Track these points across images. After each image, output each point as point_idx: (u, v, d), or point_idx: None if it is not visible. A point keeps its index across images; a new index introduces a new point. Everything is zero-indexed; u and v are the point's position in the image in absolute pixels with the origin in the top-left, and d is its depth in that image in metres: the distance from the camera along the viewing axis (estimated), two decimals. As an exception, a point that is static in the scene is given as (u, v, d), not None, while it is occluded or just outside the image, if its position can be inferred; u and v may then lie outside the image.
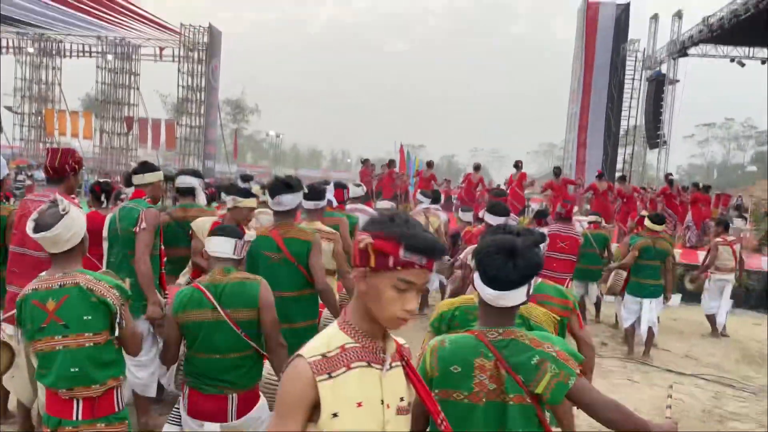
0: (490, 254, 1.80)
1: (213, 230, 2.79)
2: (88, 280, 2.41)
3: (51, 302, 2.35)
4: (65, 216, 2.39)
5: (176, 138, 30.82)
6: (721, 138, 68.67)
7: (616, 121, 24.83)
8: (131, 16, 25.34)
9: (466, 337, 1.85)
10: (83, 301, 2.37)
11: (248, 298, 2.67)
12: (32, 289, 2.42)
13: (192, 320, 2.66)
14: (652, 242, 6.44)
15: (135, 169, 4.11)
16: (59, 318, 2.35)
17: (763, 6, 15.64)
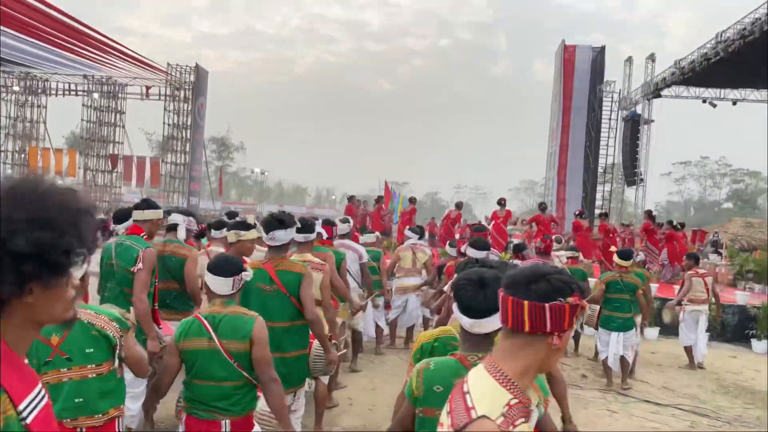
0: (463, 285, 2.01)
1: (210, 267, 2.90)
2: (89, 314, 2.53)
3: (54, 337, 2.46)
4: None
5: (161, 175, 30.92)
6: (697, 176, 70.20)
7: (594, 160, 25.45)
8: (118, 56, 25.63)
9: (449, 360, 2.04)
10: (85, 334, 2.48)
11: (242, 332, 2.80)
12: None
13: (191, 348, 2.80)
14: (619, 276, 6.69)
15: (137, 204, 4.25)
16: (63, 352, 2.46)
17: (731, 50, 16.40)
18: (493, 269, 2.06)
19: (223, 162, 58.14)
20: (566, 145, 24.98)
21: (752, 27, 15.28)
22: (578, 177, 25.04)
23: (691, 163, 68.83)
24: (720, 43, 16.96)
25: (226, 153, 59.64)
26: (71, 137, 50.22)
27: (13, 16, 17.60)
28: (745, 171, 66.16)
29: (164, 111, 29.72)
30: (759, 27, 14.89)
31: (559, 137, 25.05)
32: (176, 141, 30.01)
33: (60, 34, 21.37)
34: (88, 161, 31.35)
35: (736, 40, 16.06)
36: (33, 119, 32.02)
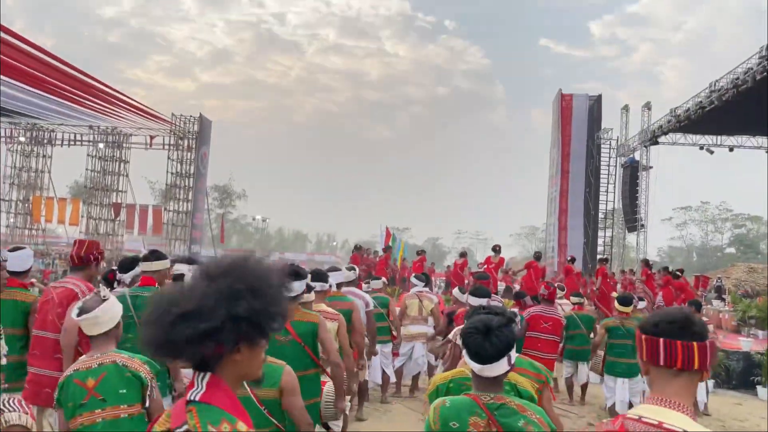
0: (471, 333, 2.15)
1: None
2: (123, 357, 2.68)
3: (90, 380, 2.59)
4: (105, 302, 2.69)
5: (163, 223, 31.09)
6: (698, 221, 70.31)
7: (594, 205, 25.61)
8: (124, 107, 26.14)
9: (464, 398, 2.17)
10: (119, 376, 2.62)
11: (272, 380, 2.87)
12: (74, 370, 2.66)
13: None
14: (620, 322, 6.69)
15: (146, 256, 4.35)
16: (98, 393, 2.58)
17: (726, 98, 16.73)
18: (499, 316, 2.19)
19: (225, 209, 58.48)
20: (566, 191, 25.18)
21: (745, 76, 15.63)
22: (579, 223, 25.14)
23: (692, 208, 69.10)
24: (714, 92, 17.31)
25: (228, 201, 60.06)
26: (75, 186, 50.70)
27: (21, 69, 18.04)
28: (746, 216, 66.27)
29: (168, 160, 30.14)
30: (752, 76, 15.23)
31: (559, 183, 25.27)
32: (179, 189, 30.32)
33: (67, 86, 21.83)
34: (91, 210, 31.60)
35: (729, 89, 16.40)
36: (38, 169, 32.41)
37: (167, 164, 30.14)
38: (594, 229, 25.65)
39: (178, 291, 1.46)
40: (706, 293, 18.78)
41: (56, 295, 3.61)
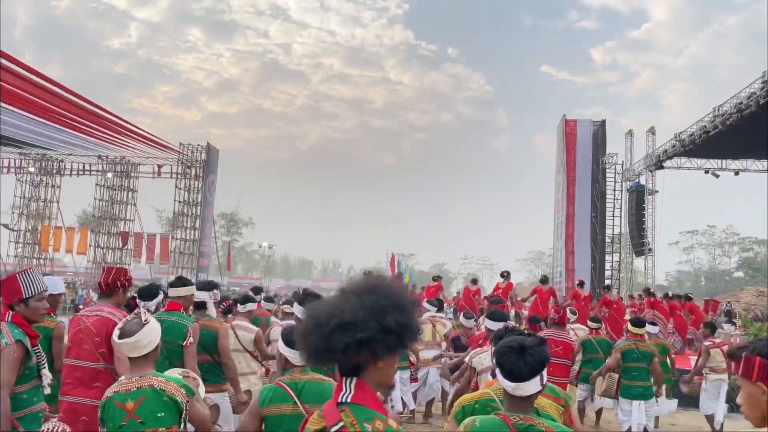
0: (505, 352, 2.21)
1: (285, 340, 3.10)
2: (161, 381, 2.77)
3: (130, 402, 2.69)
4: (146, 325, 2.80)
5: (170, 251, 31.20)
6: (706, 245, 70.04)
7: (601, 230, 25.58)
8: (132, 137, 26.46)
9: (494, 418, 2.23)
10: (157, 400, 2.71)
11: (324, 397, 2.92)
12: (114, 392, 2.76)
13: (275, 413, 2.95)
14: (634, 345, 6.67)
15: (172, 282, 4.47)
16: (137, 416, 2.68)
17: (729, 123, 16.84)
18: (531, 337, 2.28)
19: (231, 237, 58.66)
20: (572, 216, 25.19)
21: (748, 101, 15.76)
22: (586, 247, 25.10)
23: (699, 232, 68.86)
24: (718, 116, 17.44)
25: (234, 228, 60.29)
26: (83, 215, 51.04)
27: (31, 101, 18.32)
28: (753, 239, 65.94)
29: (175, 188, 30.40)
30: (755, 101, 15.36)
31: (565, 208, 25.30)
32: (186, 217, 30.50)
33: (76, 116, 22.12)
34: (98, 239, 31.78)
35: (733, 113, 16.53)
36: (47, 199, 32.71)
37: (175, 193, 30.40)
38: (601, 253, 25.58)
39: (333, 305, 1.65)
40: (716, 317, 18.65)
41: (91, 324, 3.65)
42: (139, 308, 2.88)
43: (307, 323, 1.67)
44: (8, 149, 28.27)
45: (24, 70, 16.43)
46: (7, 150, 28.68)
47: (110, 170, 31.44)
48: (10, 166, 31.66)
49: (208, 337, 4.50)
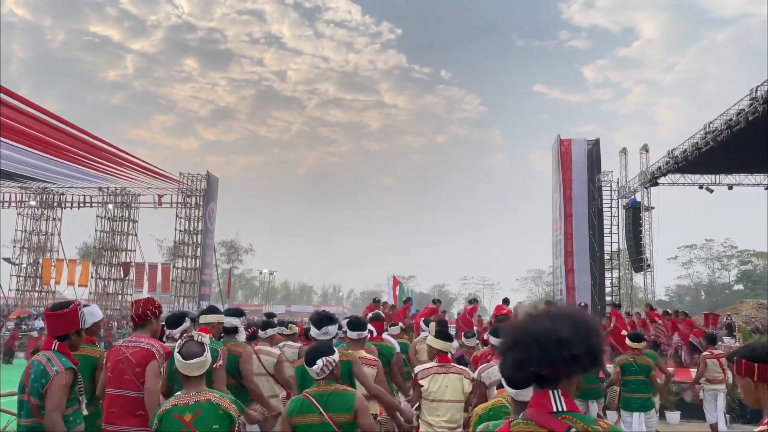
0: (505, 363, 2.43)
1: (306, 358, 3.40)
2: (216, 396, 3.03)
3: (188, 415, 2.93)
4: (206, 346, 3.09)
5: (171, 281, 31.34)
6: (704, 258, 70.21)
7: (599, 247, 25.80)
8: (132, 168, 26.75)
9: (503, 423, 2.40)
10: (213, 413, 2.96)
11: (347, 405, 3.28)
12: (172, 405, 2.99)
13: (303, 422, 3.24)
14: (632, 359, 6.90)
15: (203, 311, 4.73)
16: (194, 427, 2.91)
17: (721, 139, 17.19)
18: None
19: (232, 264, 58.77)
20: (571, 234, 25.42)
21: (737, 117, 16.13)
22: (585, 265, 25.29)
23: (697, 246, 69.09)
24: (709, 133, 17.80)
25: (235, 256, 60.44)
26: (83, 248, 51.19)
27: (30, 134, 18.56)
28: (751, 252, 66.16)
29: (176, 217, 30.65)
30: (744, 117, 15.73)
31: (563, 226, 25.55)
32: (187, 246, 30.70)
33: (77, 149, 22.40)
34: (99, 270, 31.93)
35: (723, 129, 16.89)
36: (48, 231, 32.92)
37: (175, 222, 30.65)
38: (601, 270, 25.78)
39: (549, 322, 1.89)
40: (717, 330, 18.80)
41: (131, 355, 3.84)
42: (191, 331, 3.14)
43: (519, 338, 1.92)
44: (9, 183, 28.53)
45: (23, 104, 16.68)
46: (8, 184, 28.94)
47: (111, 201, 31.72)
48: (11, 200, 31.91)
49: (232, 361, 4.71)
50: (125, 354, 3.80)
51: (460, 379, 4.50)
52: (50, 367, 3.26)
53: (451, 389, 4.45)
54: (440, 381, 4.48)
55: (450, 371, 4.53)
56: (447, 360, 4.67)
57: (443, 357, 4.68)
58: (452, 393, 4.45)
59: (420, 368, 4.73)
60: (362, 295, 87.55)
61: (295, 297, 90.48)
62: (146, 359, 3.81)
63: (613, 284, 26.47)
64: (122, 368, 3.77)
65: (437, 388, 4.46)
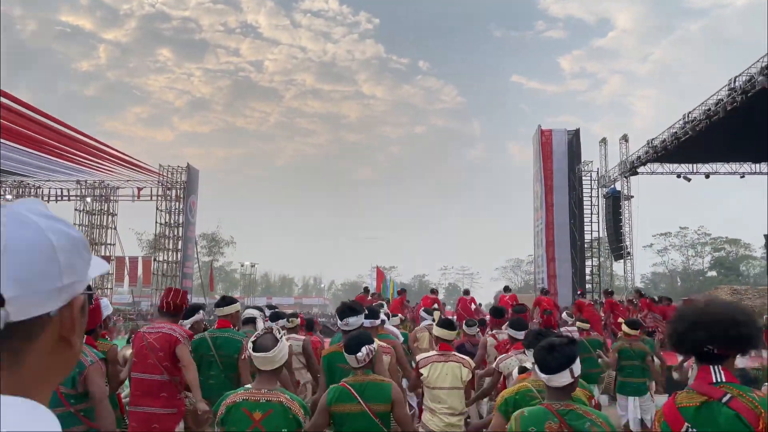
0: (540, 351, 2.66)
1: (347, 346, 3.48)
2: (287, 399, 3.03)
3: (258, 413, 2.96)
4: (280, 341, 3.07)
5: (152, 274, 31.06)
6: (679, 246, 71.57)
7: (580, 236, 26.21)
8: (111, 160, 26.38)
9: (540, 407, 2.63)
10: (283, 416, 2.99)
11: (384, 396, 3.37)
12: (243, 399, 3.01)
13: (342, 411, 3.32)
14: (628, 344, 7.12)
15: (218, 302, 4.84)
16: (263, 426, 2.95)
17: (699, 128, 17.56)
18: (561, 338, 2.74)
19: (213, 257, 58.35)
20: (552, 223, 25.77)
21: (716, 107, 16.47)
22: (566, 253, 25.67)
23: (672, 234, 70.39)
24: (688, 123, 18.15)
25: (216, 248, 60.01)
26: (61, 241, 50.27)
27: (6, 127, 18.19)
28: (724, 239, 67.66)
29: (156, 210, 30.32)
30: (722, 107, 16.07)
31: (544, 216, 25.88)
32: (168, 239, 30.40)
33: (53, 141, 22.03)
34: (79, 264, 31.47)
35: (702, 119, 17.24)
36: (24, 226, 32.29)
37: (156, 215, 30.31)
38: (581, 259, 26.19)
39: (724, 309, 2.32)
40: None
41: (154, 340, 4.01)
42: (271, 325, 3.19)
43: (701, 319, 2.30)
44: (-17, 177, 28.00)
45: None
46: (-18, 179, 28.40)
47: (89, 195, 31.28)
48: (-14, 195, 31.31)
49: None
50: (148, 340, 3.95)
51: (459, 368, 4.61)
52: (85, 358, 3.33)
53: (451, 377, 4.57)
54: (440, 369, 4.60)
55: (450, 359, 4.65)
56: (448, 348, 4.79)
57: (444, 345, 4.79)
58: (452, 381, 4.56)
59: (421, 357, 4.86)
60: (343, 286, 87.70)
61: (276, 289, 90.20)
62: (170, 344, 3.98)
63: (593, 272, 26.93)
64: (146, 353, 3.94)
65: (437, 376, 4.58)
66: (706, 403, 2.23)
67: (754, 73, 14.84)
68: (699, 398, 2.26)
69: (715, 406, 2.21)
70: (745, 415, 2.14)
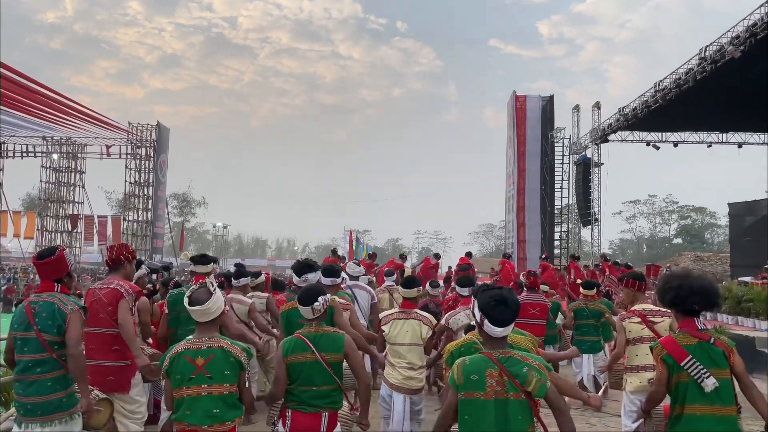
0: (492, 306, 2.71)
1: (301, 298, 3.57)
2: (228, 344, 3.21)
3: (200, 359, 3.13)
4: (214, 294, 3.22)
5: (122, 233, 30.69)
6: (647, 213, 73.10)
7: (550, 202, 26.56)
8: (78, 116, 25.72)
9: (480, 356, 2.75)
10: (225, 359, 3.16)
11: (337, 346, 3.50)
12: (184, 348, 3.17)
13: (297, 361, 3.44)
14: (584, 305, 7.38)
15: (197, 259, 5.10)
16: (206, 371, 3.11)
17: (669, 97, 17.79)
18: (507, 290, 2.81)
19: (184, 217, 57.80)
20: (523, 189, 26.03)
21: (686, 76, 16.68)
22: (536, 219, 26.02)
23: (640, 201, 71.79)
24: (658, 91, 18.36)
25: (187, 209, 59.42)
26: (27, 199, 49.34)
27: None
28: (691, 207, 69.29)
29: (126, 169, 29.78)
30: (692, 76, 16.28)
31: (516, 181, 26.11)
32: (138, 198, 29.98)
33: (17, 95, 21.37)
34: (46, 222, 30.95)
35: (672, 88, 17.46)
36: (-12, 182, 31.51)
37: (125, 173, 29.78)
38: (550, 224, 26.60)
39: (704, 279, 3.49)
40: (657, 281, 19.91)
41: (103, 296, 4.13)
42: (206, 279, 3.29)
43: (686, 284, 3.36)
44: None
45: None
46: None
47: (56, 152, 30.52)
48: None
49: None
50: (98, 295, 4.06)
51: (419, 325, 4.77)
52: (65, 306, 3.47)
53: (411, 334, 4.73)
54: (400, 326, 4.76)
55: (411, 317, 4.80)
56: (411, 306, 4.91)
57: (407, 303, 4.92)
58: (412, 337, 4.72)
59: (383, 314, 5.00)
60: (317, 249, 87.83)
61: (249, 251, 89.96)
62: (116, 299, 4.10)
63: (562, 238, 27.42)
64: (96, 308, 4.07)
65: (397, 333, 4.75)
66: (700, 343, 3.23)
67: (724, 43, 15.01)
68: (694, 339, 3.25)
69: (707, 346, 3.23)
70: (725, 351, 3.22)
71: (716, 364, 3.17)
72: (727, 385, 3.19)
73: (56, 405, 3.39)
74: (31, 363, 3.38)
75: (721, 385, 3.16)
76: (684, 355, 3.20)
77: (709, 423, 3.15)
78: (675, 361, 3.22)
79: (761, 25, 13.50)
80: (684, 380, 3.21)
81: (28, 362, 3.39)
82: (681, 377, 3.23)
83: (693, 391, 3.19)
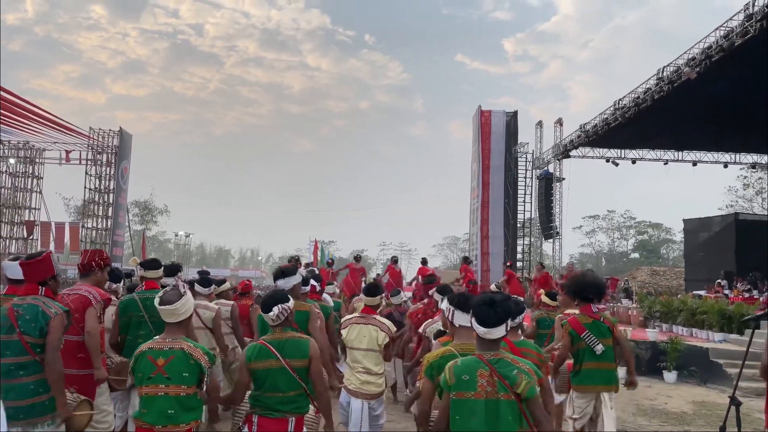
0: (479, 306, 2.83)
1: (263, 305, 3.56)
2: (189, 346, 3.22)
3: (161, 359, 3.14)
4: (183, 296, 3.26)
5: (81, 241, 29.93)
6: (606, 228, 74.86)
7: (513, 215, 27.01)
8: (37, 120, 25.09)
9: (472, 357, 2.84)
10: (184, 361, 3.17)
11: (302, 352, 3.48)
12: (148, 348, 3.19)
13: (261, 367, 3.41)
14: (546, 314, 7.53)
15: (149, 265, 4.94)
16: (165, 372, 3.12)
17: (628, 116, 18.35)
18: (499, 294, 2.98)
19: (146, 225, 56.69)
20: (487, 202, 26.43)
21: (645, 96, 17.24)
22: (500, 231, 26.44)
23: (600, 216, 73.46)
24: (618, 109, 18.92)
25: (149, 216, 58.26)
26: (-20, 204, 47.67)
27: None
28: (647, 223, 71.26)
29: (85, 175, 29.09)
30: (650, 96, 16.84)
31: (481, 195, 26.51)
32: (97, 206, 29.28)
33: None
34: (0, 229, 29.97)
35: (631, 107, 18.01)
36: (-60, 186, 30.40)
37: (85, 179, 29.07)
38: (513, 237, 27.02)
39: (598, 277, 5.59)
40: (616, 293, 20.41)
41: (71, 302, 4.03)
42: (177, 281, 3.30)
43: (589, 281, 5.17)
44: None
45: None
46: None
47: (12, 156, 29.67)
48: None
49: None
50: (66, 301, 3.98)
51: (376, 330, 4.82)
52: (49, 309, 3.44)
53: (368, 339, 4.78)
54: (357, 330, 4.82)
55: (369, 322, 4.86)
56: (371, 312, 4.98)
57: (367, 309, 5.00)
58: (368, 343, 4.77)
59: (344, 318, 5.08)
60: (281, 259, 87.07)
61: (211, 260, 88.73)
62: (84, 306, 4.04)
63: (524, 251, 27.86)
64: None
65: (354, 337, 4.81)
66: (594, 321, 4.92)
67: (681, 64, 15.59)
68: (590, 319, 4.93)
69: (598, 323, 4.93)
70: (610, 326, 4.95)
71: (604, 335, 4.89)
72: (610, 349, 4.92)
73: (39, 408, 3.35)
74: (13, 366, 3.34)
75: (606, 349, 4.90)
76: (582, 329, 4.88)
77: (598, 374, 4.90)
78: (577, 333, 4.89)
79: (716, 48, 14.08)
80: (582, 347, 4.90)
81: (10, 365, 3.34)
82: (580, 345, 4.91)
83: (588, 354, 4.88)
